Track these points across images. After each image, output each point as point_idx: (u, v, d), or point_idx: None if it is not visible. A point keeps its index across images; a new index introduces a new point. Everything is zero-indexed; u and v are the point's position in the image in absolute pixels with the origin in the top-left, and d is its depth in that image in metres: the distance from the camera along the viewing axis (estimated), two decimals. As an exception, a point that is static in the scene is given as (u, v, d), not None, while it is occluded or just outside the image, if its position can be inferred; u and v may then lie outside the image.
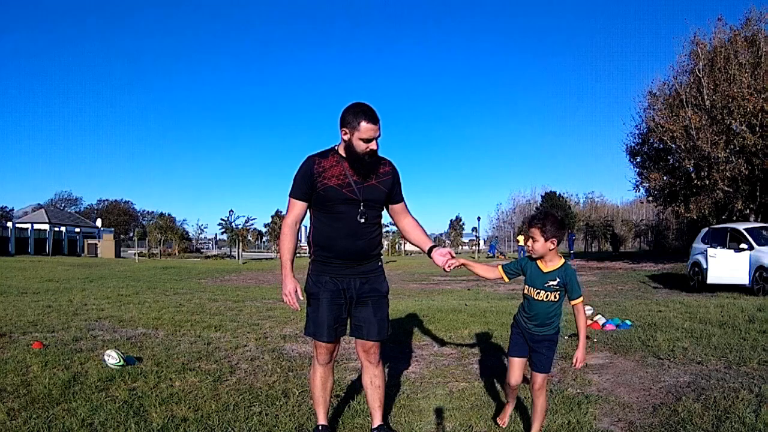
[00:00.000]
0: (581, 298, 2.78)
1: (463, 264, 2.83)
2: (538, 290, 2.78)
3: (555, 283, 2.75)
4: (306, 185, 2.79)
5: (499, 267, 2.92)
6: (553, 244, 2.72)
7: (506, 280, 2.92)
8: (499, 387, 3.87)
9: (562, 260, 2.79)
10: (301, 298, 2.79)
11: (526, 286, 2.84)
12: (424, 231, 3.08)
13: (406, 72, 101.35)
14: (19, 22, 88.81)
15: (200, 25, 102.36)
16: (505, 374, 3.10)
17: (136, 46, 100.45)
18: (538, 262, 2.80)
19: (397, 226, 3.09)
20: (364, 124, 2.68)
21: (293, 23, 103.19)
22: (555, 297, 2.77)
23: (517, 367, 2.89)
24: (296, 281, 2.77)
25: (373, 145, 2.73)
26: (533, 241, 2.73)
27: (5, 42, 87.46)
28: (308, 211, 2.88)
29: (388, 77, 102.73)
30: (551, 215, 2.77)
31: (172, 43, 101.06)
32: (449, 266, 2.77)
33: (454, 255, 2.82)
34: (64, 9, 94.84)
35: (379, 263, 2.96)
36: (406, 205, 3.04)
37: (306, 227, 3.02)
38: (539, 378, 2.85)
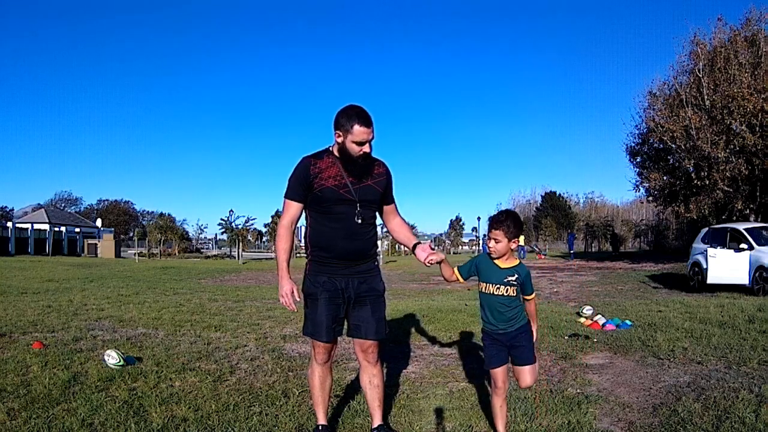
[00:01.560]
0: (534, 294, 2.94)
1: (441, 261, 2.84)
2: (498, 285, 2.84)
3: (514, 278, 2.83)
4: (302, 186, 2.79)
5: (455, 268, 2.95)
6: (515, 243, 2.81)
7: (461, 280, 2.97)
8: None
9: (518, 260, 2.90)
10: (298, 299, 2.79)
11: (483, 284, 2.88)
12: (411, 230, 3.16)
13: (406, 72, 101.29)
14: (19, 22, 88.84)
15: (200, 25, 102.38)
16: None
17: (136, 45, 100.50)
18: (496, 260, 2.85)
19: (386, 226, 3.12)
20: (357, 128, 2.69)
21: (293, 23, 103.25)
22: (513, 292, 2.85)
23: (500, 376, 2.88)
24: (293, 282, 2.77)
25: (366, 148, 2.74)
26: (496, 242, 2.80)
27: (5, 42, 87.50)
28: (303, 212, 2.89)
29: (387, 77, 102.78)
30: (512, 215, 2.85)
31: (172, 43, 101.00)
32: (429, 261, 2.77)
33: (434, 248, 2.87)
34: (64, 8, 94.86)
35: (376, 263, 2.98)
36: (396, 206, 3.08)
37: (304, 227, 3.03)
38: (527, 370, 2.85)
